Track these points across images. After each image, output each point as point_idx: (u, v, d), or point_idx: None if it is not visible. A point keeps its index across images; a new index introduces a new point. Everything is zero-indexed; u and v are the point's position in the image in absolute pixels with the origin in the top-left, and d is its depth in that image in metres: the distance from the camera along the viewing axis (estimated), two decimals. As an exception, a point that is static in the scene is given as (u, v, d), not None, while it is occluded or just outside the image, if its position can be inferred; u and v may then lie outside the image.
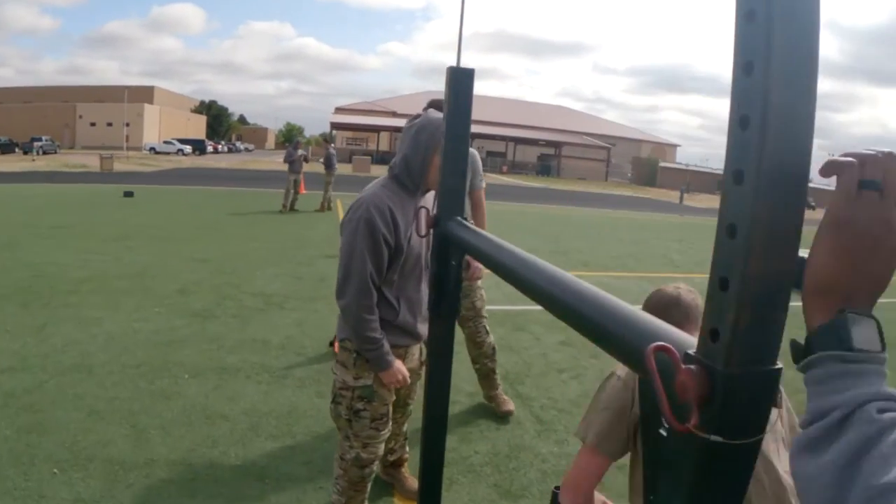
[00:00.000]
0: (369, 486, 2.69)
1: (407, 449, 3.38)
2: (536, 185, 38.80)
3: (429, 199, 2.58)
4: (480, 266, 4.17)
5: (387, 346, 2.47)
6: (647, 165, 72.90)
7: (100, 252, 9.00)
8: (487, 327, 4.32)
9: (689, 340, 0.75)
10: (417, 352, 2.80)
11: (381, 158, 55.12)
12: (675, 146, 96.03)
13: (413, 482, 3.29)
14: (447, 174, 2.04)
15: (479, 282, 4.26)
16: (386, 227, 2.37)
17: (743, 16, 0.59)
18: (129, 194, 16.97)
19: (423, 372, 2.87)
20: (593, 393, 2.00)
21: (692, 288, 2.09)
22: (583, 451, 1.82)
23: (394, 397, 2.64)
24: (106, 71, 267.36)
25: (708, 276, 0.67)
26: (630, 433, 1.76)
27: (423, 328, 2.62)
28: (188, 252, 9.35)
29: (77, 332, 5.40)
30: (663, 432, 0.73)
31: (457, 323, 3.91)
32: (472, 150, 4.11)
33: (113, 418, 3.88)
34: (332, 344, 5.42)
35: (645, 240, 16.54)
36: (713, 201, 54.63)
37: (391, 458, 3.29)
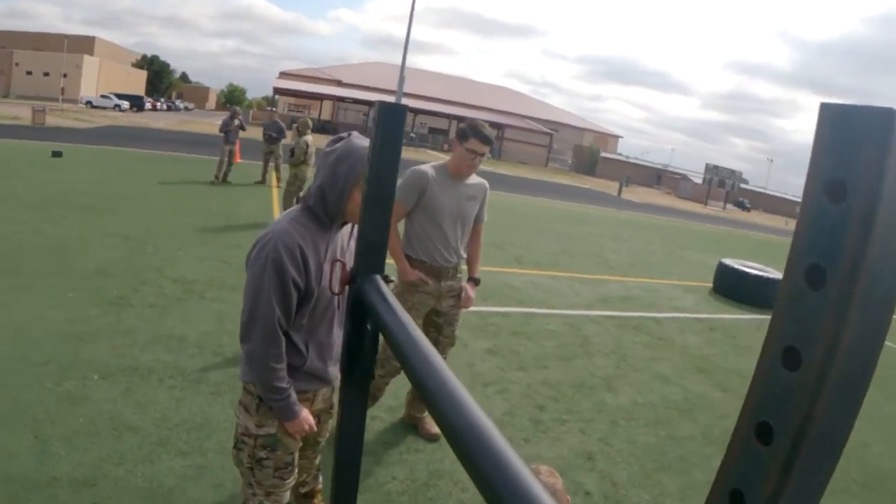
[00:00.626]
0: (277, 531, 2.53)
1: (320, 479, 3.23)
2: (483, 167, 38.72)
3: (345, 236, 2.40)
4: (473, 295, 4.16)
5: (293, 396, 2.28)
6: (589, 154, 73.75)
7: (17, 221, 8.43)
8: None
9: None
10: (329, 392, 2.64)
11: (322, 127, 54.22)
12: (617, 137, 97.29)
13: (327, 514, 3.16)
14: (368, 226, 1.87)
15: (466, 309, 4.21)
16: (295, 269, 2.17)
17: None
18: (57, 154, 16.15)
19: (334, 412, 2.73)
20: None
21: (553, 469, 2.06)
22: None
23: (300, 444, 2.48)
24: (47, 16, 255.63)
25: (641, 279, 0.52)
26: None
27: (334, 371, 2.45)
28: (111, 225, 8.84)
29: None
30: None
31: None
32: (485, 182, 4.08)
33: (16, 426, 3.59)
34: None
35: (581, 235, 16.68)
36: (651, 196, 55.81)
37: (303, 490, 3.13)
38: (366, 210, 1.83)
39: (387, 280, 1.85)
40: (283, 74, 68.12)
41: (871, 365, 0.48)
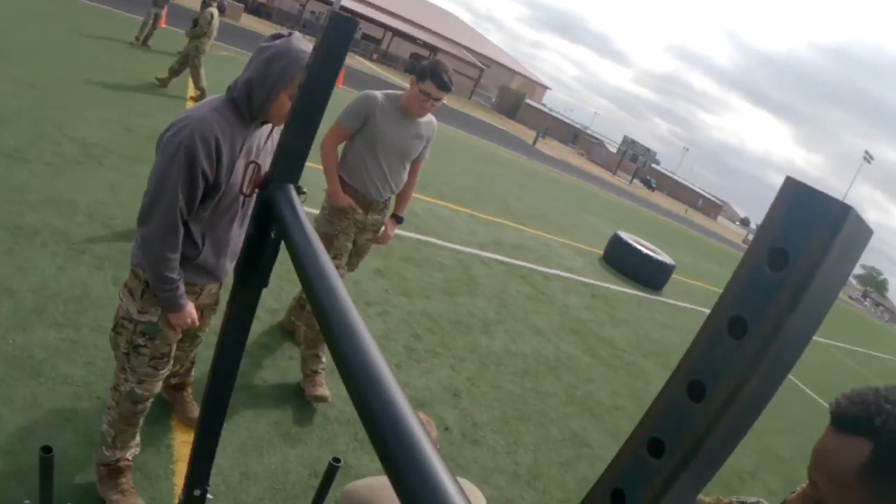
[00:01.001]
0: (141, 420, 2.54)
1: (193, 374, 3.26)
2: (400, 82, 38.02)
3: (262, 136, 2.36)
4: (392, 233, 4.12)
5: (182, 288, 2.28)
6: (514, 98, 73.78)
7: None
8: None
9: None
10: (216, 288, 2.63)
11: (254, 8, 51.73)
12: (545, 87, 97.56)
13: (193, 408, 3.20)
14: (293, 132, 1.84)
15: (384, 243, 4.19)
16: (207, 160, 2.11)
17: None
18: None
19: (217, 309, 2.72)
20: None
21: (430, 419, 2.19)
22: None
23: (179, 336, 2.47)
24: None
25: (537, 231, 0.58)
26: None
27: (227, 267, 2.46)
28: (20, 71, 8.13)
29: None
30: None
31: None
32: (435, 122, 3.92)
33: None
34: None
35: (490, 175, 16.82)
36: (564, 153, 56.65)
37: (174, 380, 3.16)
38: (293, 117, 1.81)
39: (300, 191, 1.85)
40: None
41: (761, 408, 0.56)
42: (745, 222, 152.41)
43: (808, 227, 0.49)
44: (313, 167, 3.74)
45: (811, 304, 0.50)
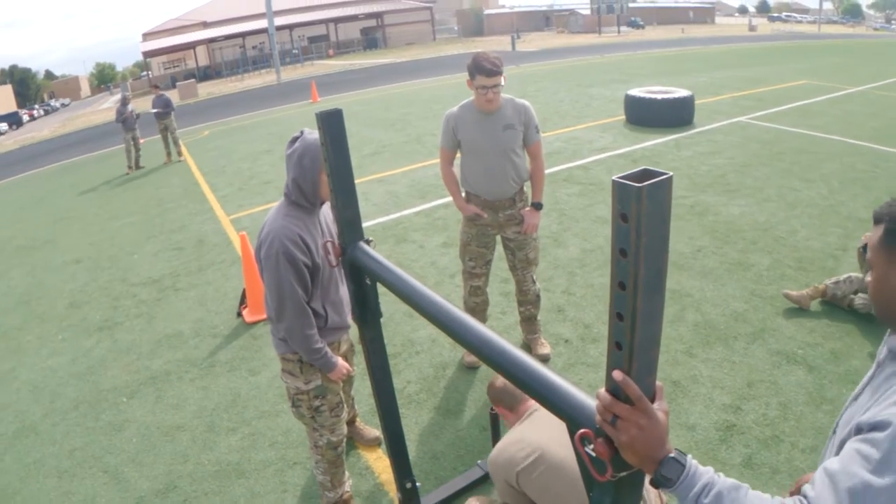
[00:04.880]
0: (344, 459, 3.17)
1: (356, 407, 3.85)
2: (366, 62, 38.23)
3: (327, 212, 2.91)
4: (535, 221, 4.19)
5: (329, 351, 2.87)
6: (473, 16, 72.74)
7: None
8: (535, 276, 4.43)
9: (593, 413, 1.21)
10: (347, 335, 3.23)
11: (204, 74, 52.40)
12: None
13: (369, 431, 3.82)
14: (342, 206, 2.37)
15: (535, 233, 4.28)
16: (302, 254, 2.67)
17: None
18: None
19: (356, 349, 3.39)
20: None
21: None
22: None
23: (342, 386, 3.07)
24: None
25: (558, 131, 1.09)
26: None
27: (349, 318, 3.02)
28: (58, 257, 8.68)
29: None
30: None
31: (509, 270, 4.46)
32: (525, 104, 4.01)
33: (84, 471, 3.94)
34: (239, 314, 5.68)
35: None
36: (546, 40, 55.58)
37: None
38: (335, 195, 2.33)
39: (368, 242, 2.37)
40: (147, 35, 64.50)
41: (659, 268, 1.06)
42: (742, 10, 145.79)
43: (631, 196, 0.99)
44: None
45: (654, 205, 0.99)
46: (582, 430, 1.19)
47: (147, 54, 56.93)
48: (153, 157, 15.16)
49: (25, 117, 60.55)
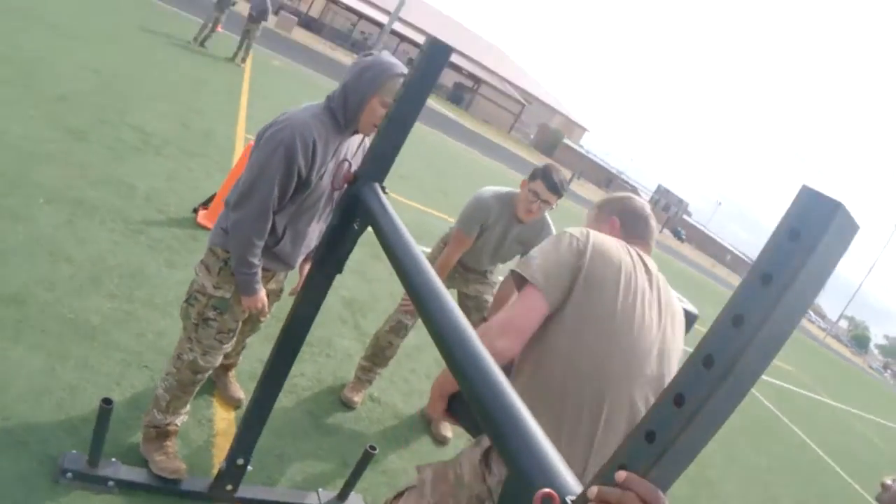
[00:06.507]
0: (196, 390, 2.69)
1: (241, 358, 3.40)
2: (449, 114, 38.63)
3: (353, 144, 2.55)
4: None
5: (259, 274, 2.46)
6: (552, 137, 74.19)
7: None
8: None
9: (573, 488, 0.86)
10: (283, 277, 2.82)
11: (307, 23, 52.68)
12: (584, 129, 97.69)
13: (236, 389, 3.35)
14: (384, 137, 2.04)
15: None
16: (304, 159, 2.31)
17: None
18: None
19: (281, 296, 2.95)
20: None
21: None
22: (526, 292, 1.71)
23: (245, 316, 2.64)
24: None
25: None
26: (570, 288, 1.70)
27: (299, 259, 2.66)
28: (84, 55, 8.47)
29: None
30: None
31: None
32: (545, 224, 3.71)
33: None
34: (195, 210, 5.28)
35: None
36: (597, 196, 56.43)
37: (225, 361, 3.29)
38: (387, 123, 2.00)
39: (383, 190, 2.02)
40: (283, -44, 65.42)
41: (783, 337, 0.82)
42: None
43: (812, 212, 0.76)
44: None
45: (818, 263, 0.76)
46: (545, 492, 0.84)
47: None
48: (219, 47, 14.94)
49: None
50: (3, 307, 3.13)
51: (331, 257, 2.09)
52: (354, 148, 2.57)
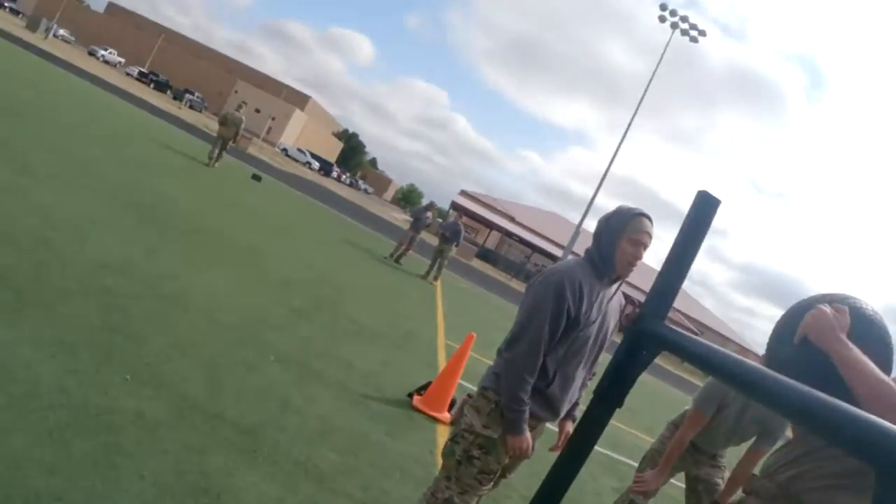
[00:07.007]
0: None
1: None
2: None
3: (611, 292, 2.62)
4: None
5: (527, 414, 2.44)
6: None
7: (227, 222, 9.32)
8: None
9: None
10: (541, 430, 2.74)
11: (483, 254, 55.43)
12: (758, 354, 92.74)
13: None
14: (667, 274, 2.03)
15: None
16: (573, 298, 2.43)
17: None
18: (256, 178, 17.49)
19: (531, 455, 2.82)
20: None
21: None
22: None
23: (507, 461, 2.57)
24: (268, 61, 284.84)
25: None
26: None
27: (565, 408, 2.62)
28: (302, 248, 9.91)
29: (190, 276, 5.61)
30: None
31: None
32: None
33: (195, 361, 3.94)
34: (410, 395, 5.39)
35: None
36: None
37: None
38: (668, 263, 2.00)
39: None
40: (464, 193, 70.62)
41: None
42: None
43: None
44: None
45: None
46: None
47: (455, 206, 61.72)
48: (411, 264, 16.02)
49: (334, 173, 70.47)
50: (241, 436, 3.31)
51: (613, 389, 2.04)
52: (609, 298, 2.62)
